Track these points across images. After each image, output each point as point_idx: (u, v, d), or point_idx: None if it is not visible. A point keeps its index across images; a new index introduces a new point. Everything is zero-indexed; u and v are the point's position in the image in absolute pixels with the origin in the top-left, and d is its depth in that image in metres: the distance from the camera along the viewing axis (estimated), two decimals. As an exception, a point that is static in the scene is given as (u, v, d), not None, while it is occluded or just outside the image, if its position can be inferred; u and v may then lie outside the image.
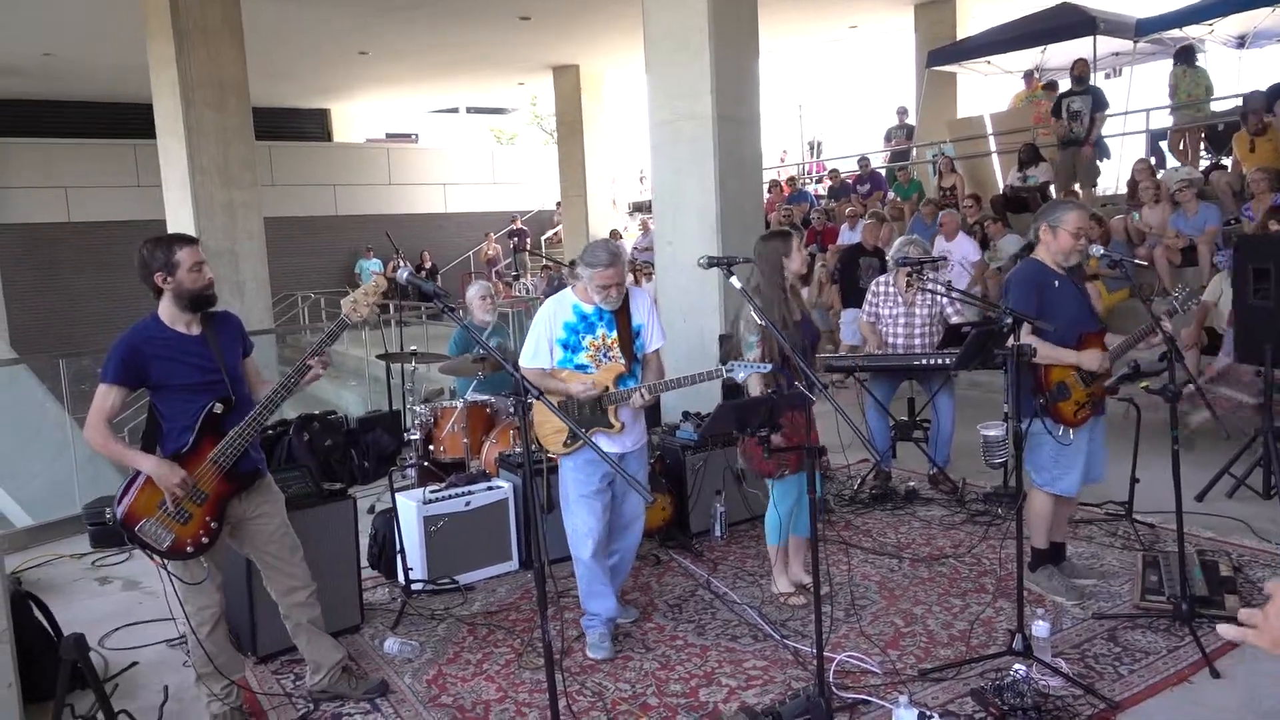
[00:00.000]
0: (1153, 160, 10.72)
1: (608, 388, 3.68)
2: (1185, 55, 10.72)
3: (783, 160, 18.70)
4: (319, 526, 3.87)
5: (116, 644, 4.09)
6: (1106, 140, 10.85)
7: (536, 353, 3.73)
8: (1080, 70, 10.40)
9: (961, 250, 8.88)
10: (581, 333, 3.72)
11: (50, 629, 3.75)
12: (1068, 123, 10.33)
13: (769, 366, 3.60)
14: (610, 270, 3.59)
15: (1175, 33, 11.12)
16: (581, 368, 3.72)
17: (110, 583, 4.93)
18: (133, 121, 15.86)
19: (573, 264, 3.91)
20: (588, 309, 3.72)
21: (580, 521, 3.74)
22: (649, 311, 3.82)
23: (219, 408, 3.08)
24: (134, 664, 3.88)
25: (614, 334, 3.72)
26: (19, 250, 16.55)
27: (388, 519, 4.58)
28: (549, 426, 3.71)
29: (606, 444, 3.67)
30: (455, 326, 4.84)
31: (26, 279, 16.73)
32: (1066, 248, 3.79)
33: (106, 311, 16.44)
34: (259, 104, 10.95)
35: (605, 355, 3.72)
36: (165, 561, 3.06)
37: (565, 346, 3.72)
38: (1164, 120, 11.45)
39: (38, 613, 3.73)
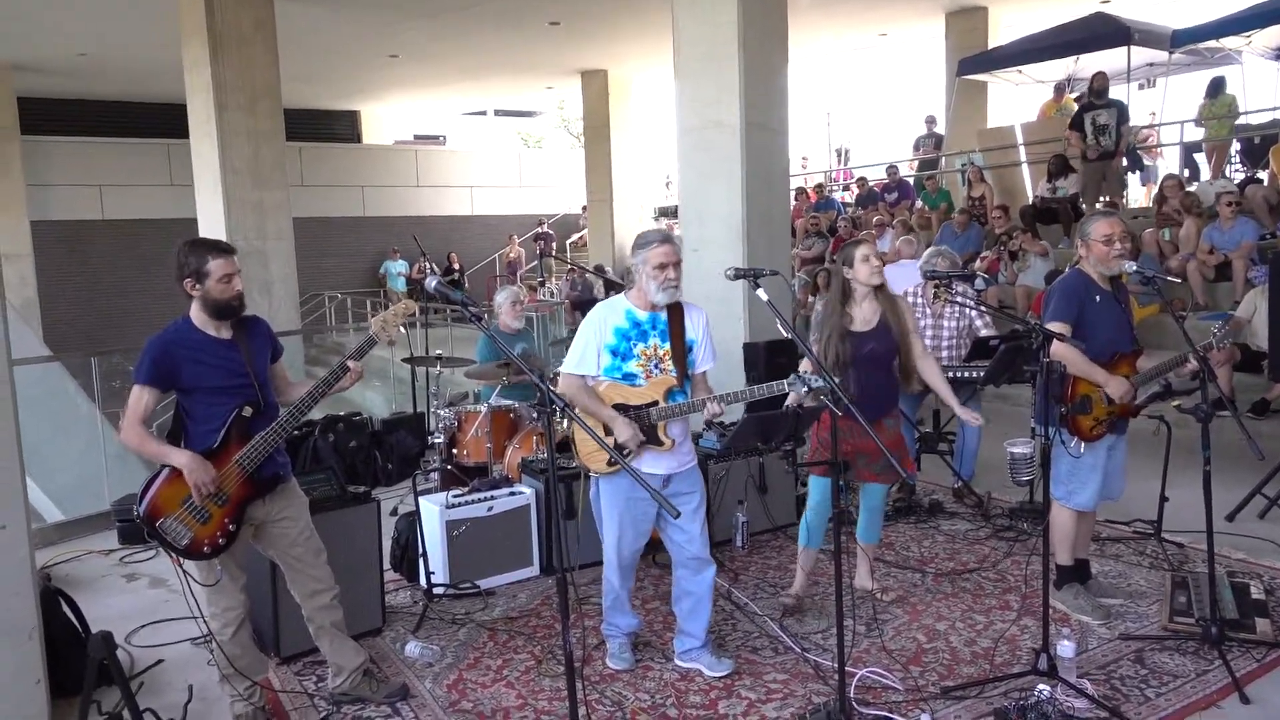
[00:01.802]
0: (1185, 173, 10.59)
1: (657, 401, 3.46)
2: (1213, 89, 10.76)
3: (804, 166, 18.58)
4: (343, 529, 3.90)
5: (142, 641, 4.14)
6: (1139, 151, 10.75)
7: (583, 359, 3.49)
8: (1100, 84, 10.29)
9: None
10: (633, 340, 3.49)
11: (78, 625, 3.80)
12: (1095, 136, 10.22)
13: (821, 381, 3.55)
14: (666, 246, 3.44)
15: (1212, 43, 10.96)
16: (629, 377, 3.48)
17: (137, 579, 4.99)
18: (166, 121, 16.11)
19: (599, 268, 3.87)
20: (642, 316, 3.51)
21: (614, 539, 3.56)
22: (704, 329, 3.60)
23: (248, 411, 3.11)
24: (159, 662, 3.93)
25: (667, 345, 3.49)
26: (54, 246, 16.80)
27: (411, 522, 4.60)
28: (592, 444, 3.45)
29: (654, 463, 3.46)
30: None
31: (61, 275, 16.98)
32: (1101, 256, 3.83)
33: (139, 308, 16.69)
34: (290, 105, 11.04)
35: (656, 367, 3.49)
36: (182, 560, 3.09)
37: (614, 353, 3.49)
38: (1196, 133, 11.32)
39: (66, 609, 3.79)
